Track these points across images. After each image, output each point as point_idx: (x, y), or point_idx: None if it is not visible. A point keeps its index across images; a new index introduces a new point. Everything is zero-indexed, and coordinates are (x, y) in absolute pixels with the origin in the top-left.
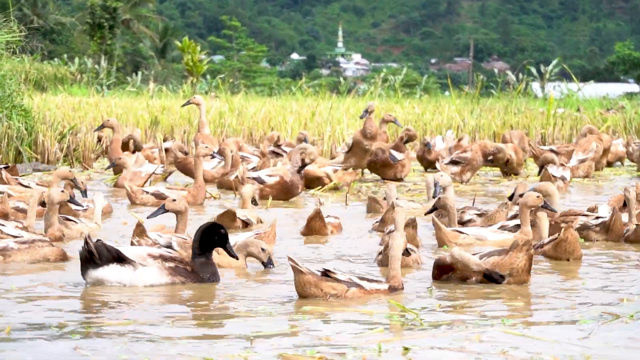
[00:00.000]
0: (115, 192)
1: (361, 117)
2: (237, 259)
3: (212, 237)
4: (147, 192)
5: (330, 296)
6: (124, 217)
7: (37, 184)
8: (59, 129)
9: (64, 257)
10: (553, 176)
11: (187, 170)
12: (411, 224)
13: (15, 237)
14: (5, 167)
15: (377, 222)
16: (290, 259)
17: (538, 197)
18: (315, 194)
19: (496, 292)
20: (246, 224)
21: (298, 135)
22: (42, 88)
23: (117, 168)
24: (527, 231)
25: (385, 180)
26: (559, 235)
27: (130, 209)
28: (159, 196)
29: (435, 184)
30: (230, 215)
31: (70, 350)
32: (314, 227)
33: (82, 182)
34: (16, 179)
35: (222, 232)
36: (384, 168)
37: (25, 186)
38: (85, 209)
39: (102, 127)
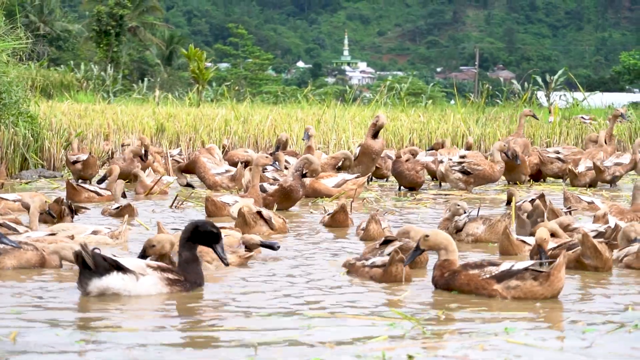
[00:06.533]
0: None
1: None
2: (228, 264)
3: (204, 233)
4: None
5: None
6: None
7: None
8: (65, 136)
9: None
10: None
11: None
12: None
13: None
14: None
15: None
16: None
17: None
18: (319, 202)
19: (500, 301)
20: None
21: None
22: (48, 95)
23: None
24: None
25: (403, 188)
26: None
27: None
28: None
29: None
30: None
31: (75, 356)
32: (339, 219)
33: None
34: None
35: (214, 231)
36: (418, 180)
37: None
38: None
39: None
